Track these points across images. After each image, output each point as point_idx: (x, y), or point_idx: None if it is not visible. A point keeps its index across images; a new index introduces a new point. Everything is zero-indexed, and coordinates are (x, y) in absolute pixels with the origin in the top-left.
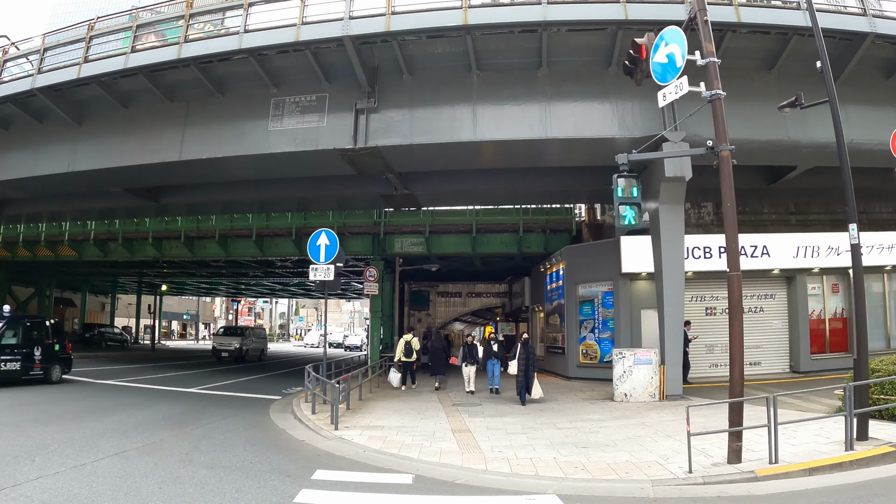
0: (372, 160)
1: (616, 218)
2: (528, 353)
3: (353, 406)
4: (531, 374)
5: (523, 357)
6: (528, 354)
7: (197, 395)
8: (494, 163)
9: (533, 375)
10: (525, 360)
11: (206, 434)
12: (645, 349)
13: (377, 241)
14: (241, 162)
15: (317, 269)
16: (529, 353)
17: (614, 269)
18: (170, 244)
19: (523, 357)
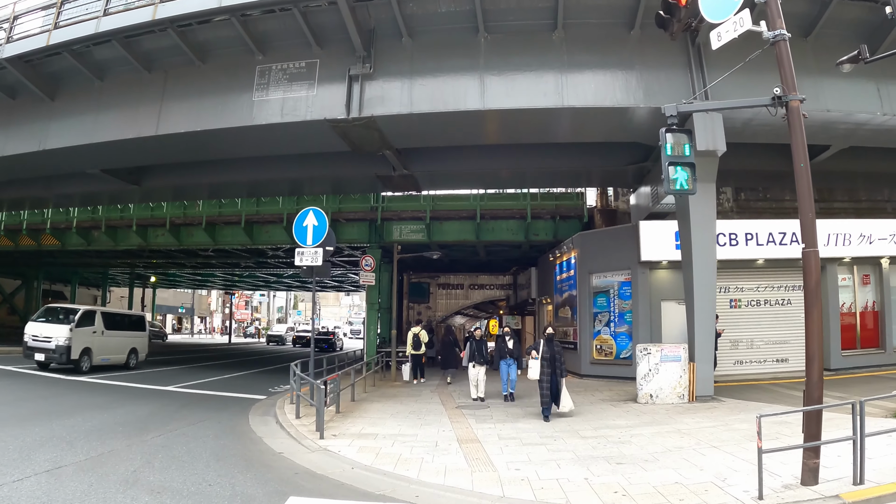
0: (367, 133)
1: (665, 182)
2: (553, 353)
3: (344, 408)
4: (559, 380)
5: (548, 357)
6: (553, 354)
7: (173, 395)
8: (501, 137)
9: (562, 381)
10: (551, 362)
11: (167, 443)
12: (673, 344)
13: (374, 228)
14: (222, 136)
15: (303, 252)
16: (556, 353)
17: (632, 257)
18: (155, 232)
19: (548, 357)
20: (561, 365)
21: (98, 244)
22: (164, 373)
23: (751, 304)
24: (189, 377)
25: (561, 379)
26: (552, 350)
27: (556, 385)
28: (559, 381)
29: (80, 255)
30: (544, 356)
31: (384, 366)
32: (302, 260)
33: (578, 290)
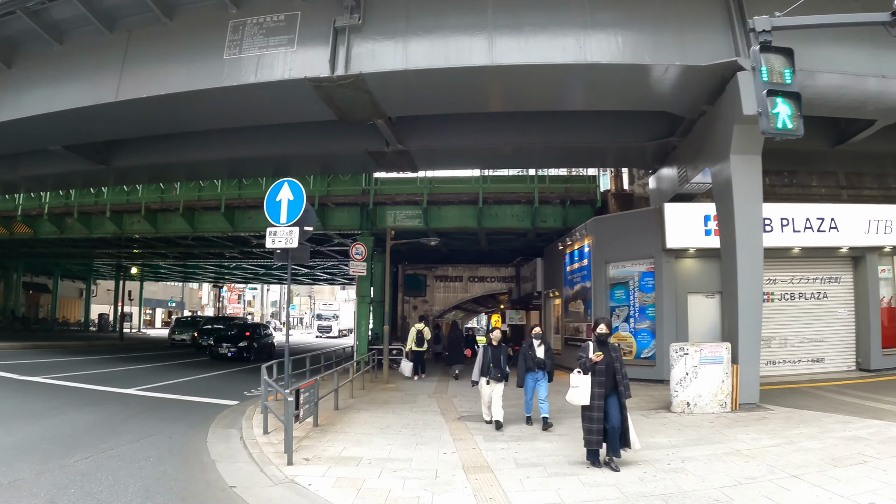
0: (355, 96)
1: (763, 119)
2: (612, 362)
3: (325, 419)
4: (622, 404)
5: (603, 371)
6: (612, 364)
7: (131, 399)
8: (508, 104)
9: (624, 407)
10: (608, 376)
11: (91, 470)
12: (713, 343)
13: (366, 214)
14: (191, 102)
15: (275, 232)
16: (616, 363)
17: (655, 245)
18: (131, 219)
19: (603, 371)
20: (624, 380)
21: (71, 232)
22: (132, 372)
23: (784, 297)
24: (159, 377)
25: (623, 400)
26: (609, 356)
27: (618, 414)
28: (622, 408)
29: (55, 244)
30: (598, 370)
31: (375, 365)
32: (274, 241)
33: (593, 281)
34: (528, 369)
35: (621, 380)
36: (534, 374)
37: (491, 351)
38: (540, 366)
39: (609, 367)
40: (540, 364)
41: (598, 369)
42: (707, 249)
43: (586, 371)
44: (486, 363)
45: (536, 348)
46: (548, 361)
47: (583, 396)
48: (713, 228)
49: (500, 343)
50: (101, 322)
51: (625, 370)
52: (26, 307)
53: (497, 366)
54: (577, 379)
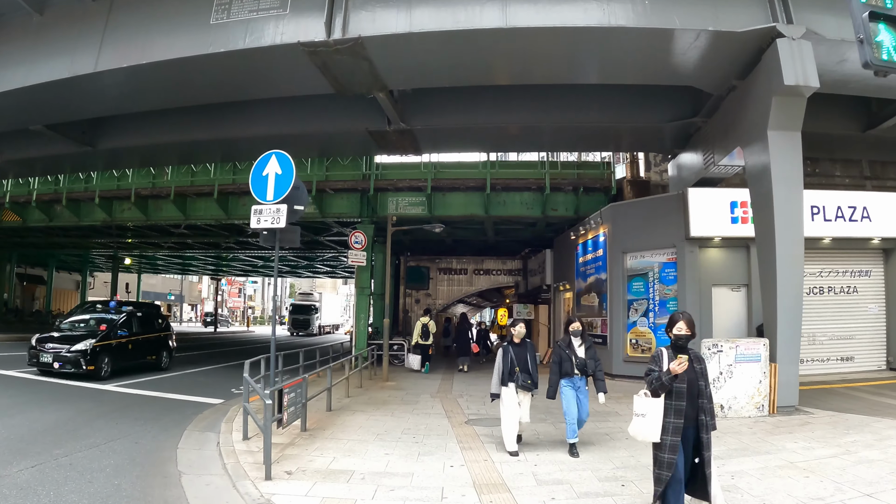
0: (354, 64)
1: (865, 49)
2: (697, 377)
3: (316, 423)
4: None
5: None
6: (696, 379)
7: (106, 396)
8: (520, 75)
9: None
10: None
11: (32, 482)
12: (750, 340)
13: (366, 201)
14: (175, 72)
15: (261, 210)
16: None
17: (678, 233)
18: (121, 206)
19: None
20: (709, 404)
21: (60, 220)
22: None
23: (813, 291)
24: (143, 372)
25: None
26: (692, 370)
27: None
28: (703, 446)
29: (45, 233)
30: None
31: (375, 361)
32: (259, 221)
33: (609, 273)
34: (563, 374)
35: (705, 404)
36: (573, 382)
37: (514, 351)
38: (582, 369)
39: (692, 385)
40: (582, 366)
41: (677, 389)
42: (733, 238)
43: (658, 391)
44: (508, 368)
45: (576, 348)
46: (592, 363)
47: (651, 429)
48: (740, 215)
49: (524, 340)
50: None
51: (710, 390)
52: (21, 299)
53: (526, 370)
54: (643, 404)
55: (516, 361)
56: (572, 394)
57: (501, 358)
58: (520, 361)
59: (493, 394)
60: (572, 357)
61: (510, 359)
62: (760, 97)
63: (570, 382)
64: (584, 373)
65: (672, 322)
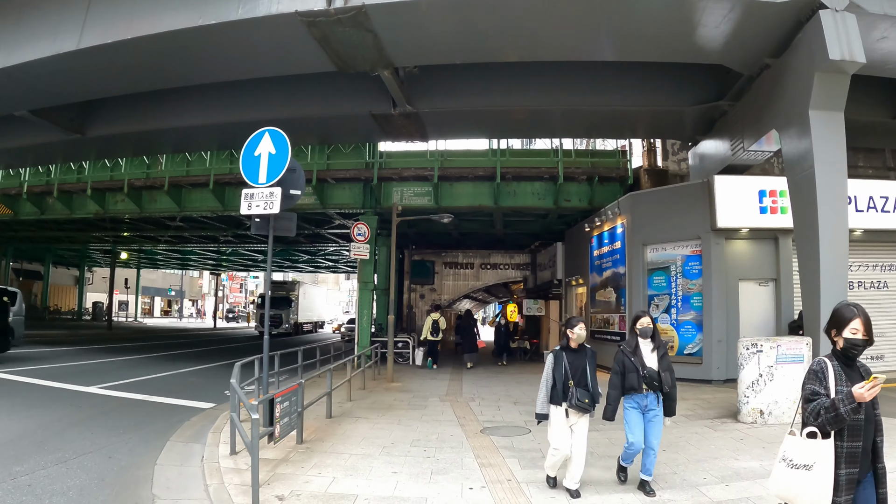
0: (357, 37)
1: None
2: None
3: (314, 433)
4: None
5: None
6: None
7: (86, 400)
8: (530, 49)
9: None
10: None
11: None
12: (792, 339)
13: (369, 191)
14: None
15: (252, 195)
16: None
17: (703, 224)
18: (114, 197)
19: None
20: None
21: (52, 212)
22: (106, 365)
23: (871, 286)
24: (133, 372)
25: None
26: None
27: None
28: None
29: (38, 226)
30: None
31: (379, 359)
32: (251, 206)
33: (628, 266)
34: (627, 389)
35: (880, 444)
36: (639, 400)
37: (569, 359)
38: (651, 384)
39: (868, 418)
40: (651, 380)
41: (855, 423)
42: (761, 230)
43: (831, 428)
44: (561, 380)
45: (646, 354)
46: (668, 377)
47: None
48: (769, 205)
49: (582, 346)
50: (96, 311)
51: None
52: None
53: (583, 385)
54: (807, 449)
55: (570, 373)
56: (638, 417)
57: (552, 367)
58: (575, 373)
59: (540, 414)
60: (639, 367)
61: (564, 369)
62: (800, 74)
63: (636, 401)
64: (656, 389)
65: (840, 320)
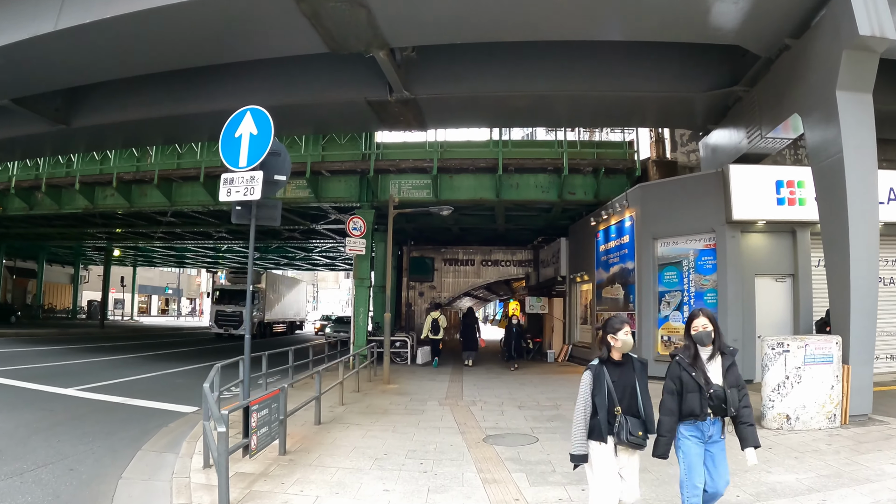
0: (349, 13)
1: None
2: None
3: (300, 442)
4: None
5: None
6: None
7: (61, 402)
8: (534, 26)
9: None
10: None
11: None
12: (821, 337)
13: (366, 183)
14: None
15: (231, 179)
16: None
17: (717, 216)
18: (103, 192)
19: None
20: None
21: (41, 207)
22: (90, 365)
23: None
24: (117, 372)
25: None
26: None
27: None
28: None
29: (28, 222)
30: None
31: (375, 359)
32: (230, 192)
33: (637, 261)
34: (685, 415)
35: None
36: (700, 429)
37: (611, 375)
38: (719, 406)
39: None
40: (719, 401)
41: None
42: (778, 222)
43: None
44: (604, 407)
45: (705, 363)
46: (736, 395)
47: None
48: (786, 196)
49: (628, 356)
50: (91, 309)
51: None
52: (12, 293)
53: (634, 410)
54: None
55: (616, 396)
56: (698, 451)
57: (591, 389)
58: (623, 395)
59: (578, 455)
60: (700, 382)
61: (606, 391)
62: (826, 54)
63: (696, 430)
64: (722, 412)
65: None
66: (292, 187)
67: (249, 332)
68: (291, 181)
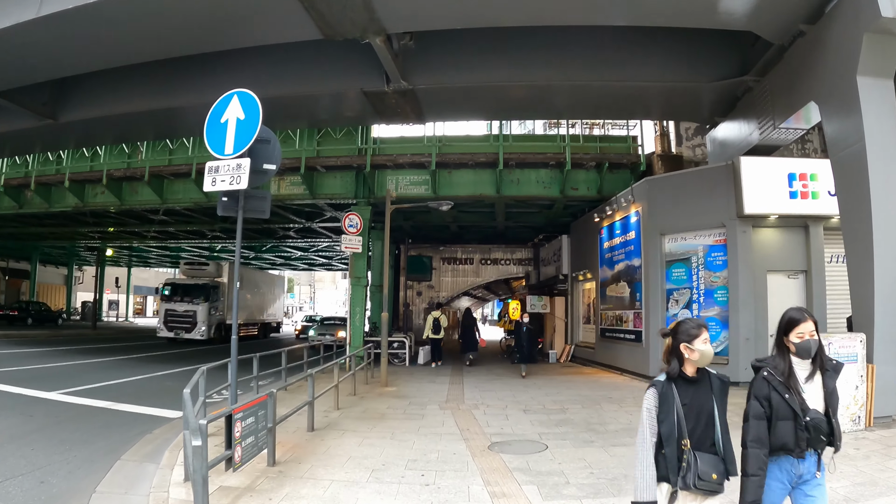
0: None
1: None
2: None
3: (291, 450)
4: None
5: None
6: None
7: (41, 407)
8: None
9: None
10: None
11: None
12: (845, 335)
13: (362, 179)
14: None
15: (216, 168)
16: None
17: (728, 210)
18: (93, 189)
19: None
20: None
21: (30, 206)
22: (77, 367)
23: None
24: (102, 375)
25: None
26: None
27: None
28: None
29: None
30: None
31: (372, 361)
32: (215, 182)
33: (644, 258)
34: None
35: None
36: (794, 465)
37: (681, 395)
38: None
39: None
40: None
41: None
42: (791, 217)
43: None
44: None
45: (802, 381)
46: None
47: None
48: (799, 189)
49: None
50: (85, 310)
51: None
52: (5, 294)
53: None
54: None
55: (686, 426)
56: (780, 494)
57: (655, 414)
58: (696, 424)
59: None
60: (795, 408)
61: (675, 418)
62: (845, 38)
63: (785, 469)
64: (822, 444)
65: None
66: (286, 183)
67: (236, 333)
68: (286, 177)
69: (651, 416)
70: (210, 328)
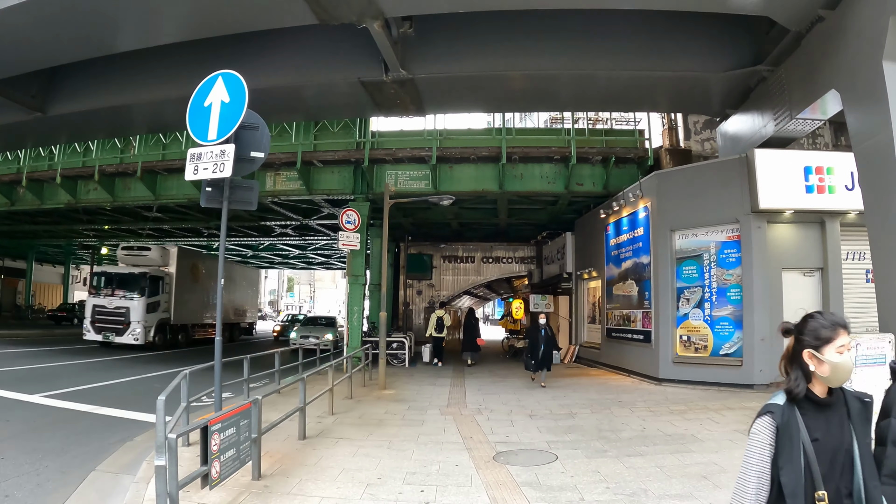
0: None
1: None
2: None
3: (278, 461)
4: None
5: None
6: None
7: (19, 411)
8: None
9: None
10: None
11: None
12: (874, 335)
13: (360, 174)
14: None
15: (199, 155)
16: None
17: (741, 205)
18: (86, 186)
19: None
20: None
21: (22, 203)
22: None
23: None
24: (90, 377)
25: None
26: None
27: None
28: None
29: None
30: None
31: (370, 362)
32: (197, 170)
33: (653, 255)
34: None
35: None
36: None
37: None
38: None
39: None
40: None
41: None
42: (807, 212)
43: None
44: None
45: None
46: None
47: None
48: (815, 183)
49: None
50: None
51: None
52: (1, 293)
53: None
54: None
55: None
56: None
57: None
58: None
59: None
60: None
61: (803, 459)
62: (869, 21)
63: None
64: None
65: None
66: (282, 178)
67: (220, 334)
68: (281, 172)
69: (763, 458)
70: (148, 330)
